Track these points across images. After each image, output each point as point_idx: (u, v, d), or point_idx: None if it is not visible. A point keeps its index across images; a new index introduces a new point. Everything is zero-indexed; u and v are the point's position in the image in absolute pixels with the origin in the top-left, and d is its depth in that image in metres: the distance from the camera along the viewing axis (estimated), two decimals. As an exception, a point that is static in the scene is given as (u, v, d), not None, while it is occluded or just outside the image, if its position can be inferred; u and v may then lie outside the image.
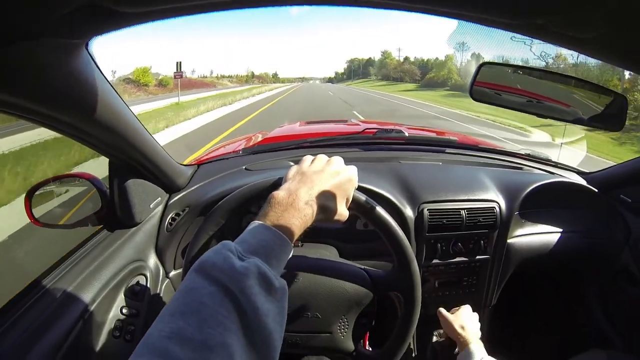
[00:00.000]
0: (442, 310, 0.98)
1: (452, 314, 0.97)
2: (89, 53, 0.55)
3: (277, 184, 0.75)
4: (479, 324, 0.96)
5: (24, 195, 0.88)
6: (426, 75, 62.03)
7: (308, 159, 0.70)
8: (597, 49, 0.40)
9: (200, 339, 0.38)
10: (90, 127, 0.68)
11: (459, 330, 0.91)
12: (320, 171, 0.65)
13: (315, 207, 0.60)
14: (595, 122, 1.03)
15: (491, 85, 1.07)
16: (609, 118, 1.01)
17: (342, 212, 0.67)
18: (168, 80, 50.61)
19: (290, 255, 0.55)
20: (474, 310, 0.98)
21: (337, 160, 0.70)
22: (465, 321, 0.94)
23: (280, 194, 0.58)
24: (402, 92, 44.93)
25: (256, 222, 0.54)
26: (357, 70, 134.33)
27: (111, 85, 0.67)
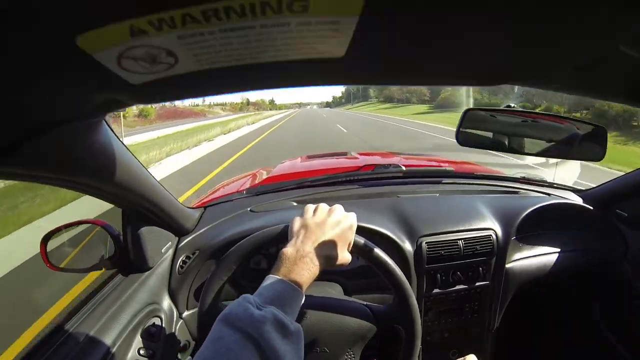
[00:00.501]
0: None
1: None
2: (106, 123, 0.61)
3: (283, 233, 0.81)
4: None
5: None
6: (439, 94, 50.55)
7: (310, 209, 0.77)
8: (575, 90, 0.45)
9: None
10: (109, 187, 0.74)
11: None
12: (322, 222, 0.72)
13: (320, 259, 0.67)
14: (581, 153, 1.09)
15: (486, 110, 1.13)
16: (591, 147, 1.06)
17: (344, 257, 0.74)
18: (149, 110, 46.59)
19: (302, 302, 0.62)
20: (478, 334, 0.99)
21: (338, 209, 0.76)
22: None
23: (289, 250, 0.67)
24: (414, 115, 37.29)
25: (271, 276, 0.62)
26: (357, 94, 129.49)
27: (125, 146, 0.73)
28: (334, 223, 0.73)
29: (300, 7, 0.23)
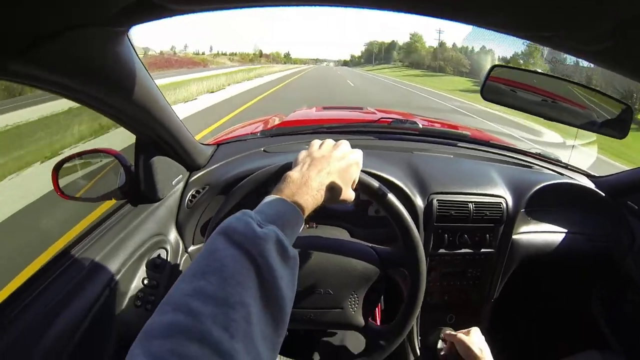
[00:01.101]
0: (453, 332, 0.96)
1: (464, 334, 0.94)
2: (129, 39, 0.60)
3: (288, 166, 0.79)
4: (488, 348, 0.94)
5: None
6: (481, 69, 40.73)
7: (316, 143, 0.74)
8: (606, 60, 0.42)
9: (222, 296, 0.41)
10: (127, 107, 0.74)
11: (477, 353, 0.88)
12: (327, 155, 0.70)
13: (324, 188, 0.65)
14: (603, 129, 1.07)
15: (506, 82, 1.11)
16: (615, 126, 1.04)
17: (348, 193, 0.71)
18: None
19: (301, 229, 0.60)
20: (477, 302, 0.99)
21: (344, 144, 0.74)
22: (483, 344, 0.91)
23: (294, 174, 0.63)
24: (457, 92, 24.54)
25: (273, 196, 0.59)
26: (378, 55, 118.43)
27: (145, 69, 0.71)
28: (339, 156, 0.71)
29: None
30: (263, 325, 0.43)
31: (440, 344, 0.98)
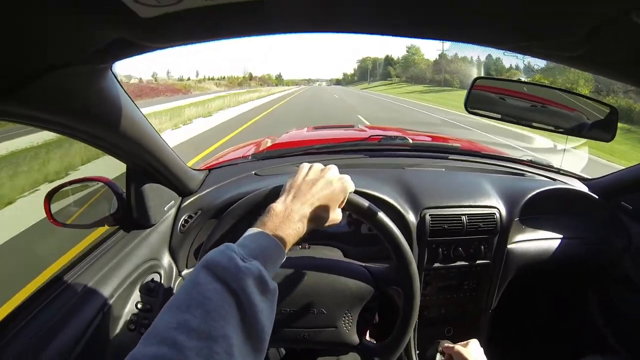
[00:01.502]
0: (451, 344, 0.95)
1: (462, 346, 0.93)
2: (112, 73, 0.61)
3: (277, 190, 0.79)
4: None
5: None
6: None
7: (304, 168, 0.75)
8: (585, 64, 0.43)
9: (205, 329, 0.42)
10: (114, 138, 0.75)
11: None
12: (314, 182, 0.70)
13: (306, 221, 0.65)
14: (591, 133, 1.08)
15: (494, 90, 1.12)
16: (602, 128, 1.05)
17: (334, 218, 0.72)
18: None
19: (294, 250, 0.61)
20: (475, 314, 0.99)
21: (332, 170, 0.74)
22: (481, 356, 0.91)
23: (278, 207, 0.64)
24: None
25: (256, 229, 0.60)
26: (373, 71, 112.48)
27: (131, 99, 0.72)
28: (325, 183, 0.71)
29: None
30: (243, 356, 0.44)
31: (438, 357, 0.97)
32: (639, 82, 0.47)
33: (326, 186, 0.71)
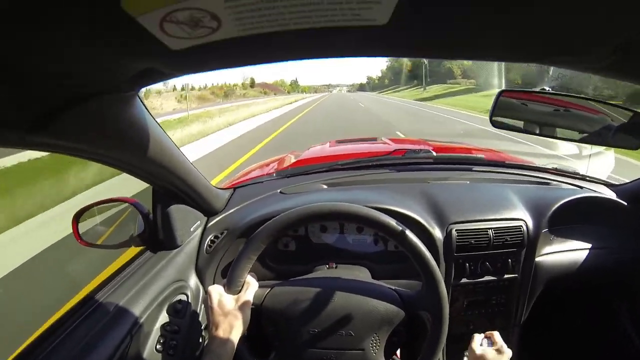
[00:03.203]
0: (477, 343, 0.95)
1: (495, 349, 0.93)
2: (139, 98, 0.62)
3: (313, 214, 0.87)
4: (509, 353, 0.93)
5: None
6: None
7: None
8: (612, 73, 0.43)
9: None
10: (142, 162, 0.76)
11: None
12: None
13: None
14: (616, 140, 1.05)
15: (518, 95, 1.11)
16: (627, 135, 1.03)
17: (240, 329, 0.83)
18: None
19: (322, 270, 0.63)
20: (504, 329, 0.97)
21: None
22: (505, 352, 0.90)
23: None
24: None
25: None
26: (415, 72, 79.06)
27: (157, 123, 0.74)
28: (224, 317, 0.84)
29: None
30: None
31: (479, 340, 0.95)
32: None
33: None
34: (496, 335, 0.94)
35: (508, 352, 0.91)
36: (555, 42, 0.36)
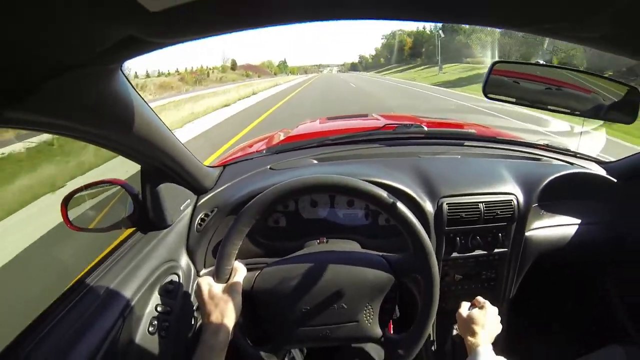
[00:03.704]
0: (464, 309, 0.96)
1: (478, 308, 0.95)
2: (122, 73, 0.61)
3: (303, 187, 0.86)
4: (499, 327, 0.94)
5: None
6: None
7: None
8: (607, 45, 0.42)
9: None
10: (127, 139, 0.75)
11: (476, 329, 0.88)
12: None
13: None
14: (610, 115, 1.06)
15: (509, 73, 1.11)
16: (622, 110, 1.03)
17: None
18: None
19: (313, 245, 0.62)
20: (493, 304, 0.99)
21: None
22: (487, 322, 0.91)
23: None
24: None
25: None
26: (416, 50, 75.04)
27: (142, 99, 0.72)
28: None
29: None
30: None
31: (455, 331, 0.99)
32: None
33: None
34: (479, 297, 0.96)
35: (492, 309, 0.94)
36: (549, 9, 0.36)
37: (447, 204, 1.10)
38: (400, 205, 0.85)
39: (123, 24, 0.36)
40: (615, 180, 1.32)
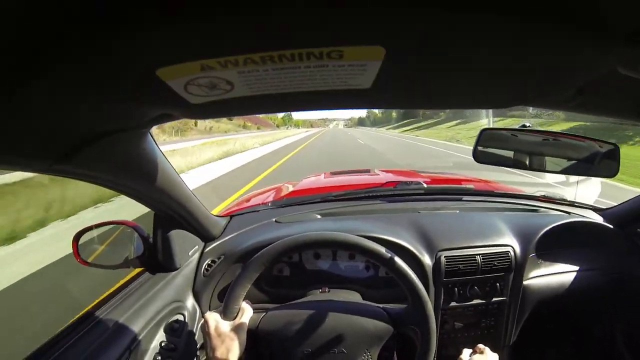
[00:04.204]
0: (465, 355, 0.97)
1: (479, 353, 0.95)
2: (150, 135, 0.69)
3: (308, 242, 0.92)
4: None
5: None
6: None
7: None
8: (583, 111, 0.49)
9: None
10: (147, 190, 0.81)
11: None
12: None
13: None
14: (596, 171, 1.13)
15: (502, 130, 1.16)
16: (605, 165, 1.10)
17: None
18: None
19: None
20: (493, 351, 1.00)
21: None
22: None
23: None
24: None
25: None
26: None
27: (164, 155, 0.80)
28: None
29: (337, 55, 0.29)
30: None
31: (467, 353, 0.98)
32: (632, 119, 0.53)
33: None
34: (480, 345, 0.98)
35: (492, 355, 0.95)
36: (519, 89, 0.42)
37: (445, 257, 1.14)
38: (397, 260, 0.90)
39: (165, 109, 0.42)
40: (612, 227, 1.34)
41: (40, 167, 0.49)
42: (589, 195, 2.43)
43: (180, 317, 1.02)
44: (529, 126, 1.13)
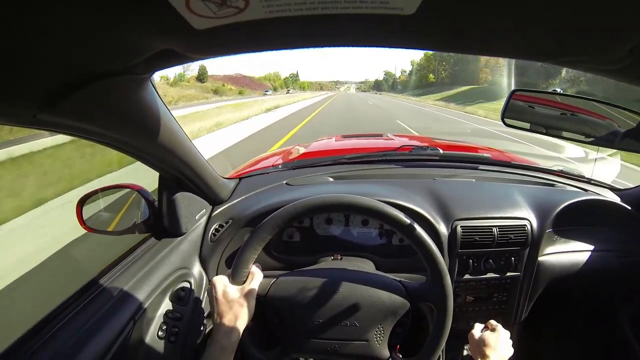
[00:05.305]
0: (477, 330, 0.96)
1: (490, 330, 0.94)
2: (151, 83, 0.62)
3: (320, 206, 0.87)
4: (511, 350, 0.93)
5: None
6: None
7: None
8: (627, 77, 0.43)
9: None
10: (149, 147, 0.76)
11: (488, 351, 0.88)
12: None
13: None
14: (623, 144, 1.06)
15: (528, 99, 1.11)
16: (635, 139, 1.04)
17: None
18: None
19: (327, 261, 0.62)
20: (504, 327, 0.98)
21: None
22: (499, 345, 0.91)
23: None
24: None
25: None
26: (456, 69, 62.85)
27: (167, 108, 0.74)
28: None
29: None
30: None
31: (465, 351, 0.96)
32: None
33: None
34: (492, 321, 0.96)
35: (504, 332, 0.93)
36: (570, 41, 0.37)
37: (461, 227, 1.11)
38: (418, 227, 0.85)
39: (164, 39, 0.37)
40: (629, 208, 1.30)
41: (23, 116, 0.45)
42: (606, 174, 2.36)
43: (187, 285, 0.99)
44: (559, 91, 1.08)
